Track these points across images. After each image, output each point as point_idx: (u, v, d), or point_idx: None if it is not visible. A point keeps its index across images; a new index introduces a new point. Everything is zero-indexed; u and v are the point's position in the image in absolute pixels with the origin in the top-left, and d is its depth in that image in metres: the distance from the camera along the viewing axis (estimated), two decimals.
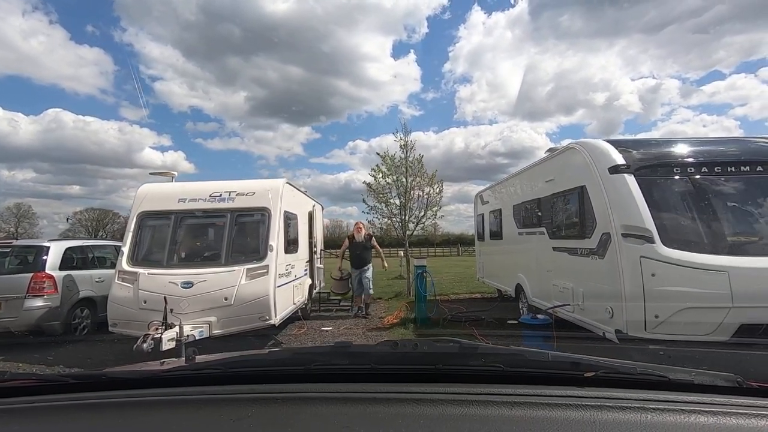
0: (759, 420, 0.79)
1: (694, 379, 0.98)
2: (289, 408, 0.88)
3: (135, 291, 5.54)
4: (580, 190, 4.95)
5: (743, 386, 0.96)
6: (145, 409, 0.91)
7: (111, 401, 0.96)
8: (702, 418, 0.79)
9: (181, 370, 1.16)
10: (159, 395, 0.97)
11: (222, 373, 1.10)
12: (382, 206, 11.37)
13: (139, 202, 6.33)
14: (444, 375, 1.00)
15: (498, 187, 9.03)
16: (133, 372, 1.19)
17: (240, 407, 0.88)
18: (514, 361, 1.08)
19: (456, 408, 0.84)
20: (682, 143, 4.73)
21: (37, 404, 0.95)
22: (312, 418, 0.84)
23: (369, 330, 7.07)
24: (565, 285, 5.40)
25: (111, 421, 0.88)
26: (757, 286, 3.72)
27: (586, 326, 4.89)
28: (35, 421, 0.90)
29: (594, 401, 0.84)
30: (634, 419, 0.78)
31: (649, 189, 4.21)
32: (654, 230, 4.02)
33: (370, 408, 0.86)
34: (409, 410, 0.83)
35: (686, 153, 4.47)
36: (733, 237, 4.01)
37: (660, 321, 3.88)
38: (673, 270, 3.87)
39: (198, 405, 0.92)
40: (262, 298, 5.60)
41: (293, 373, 1.07)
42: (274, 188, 6.49)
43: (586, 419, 0.78)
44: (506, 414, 0.81)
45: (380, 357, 1.13)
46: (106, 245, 8.48)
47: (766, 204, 4.17)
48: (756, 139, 4.77)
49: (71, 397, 0.99)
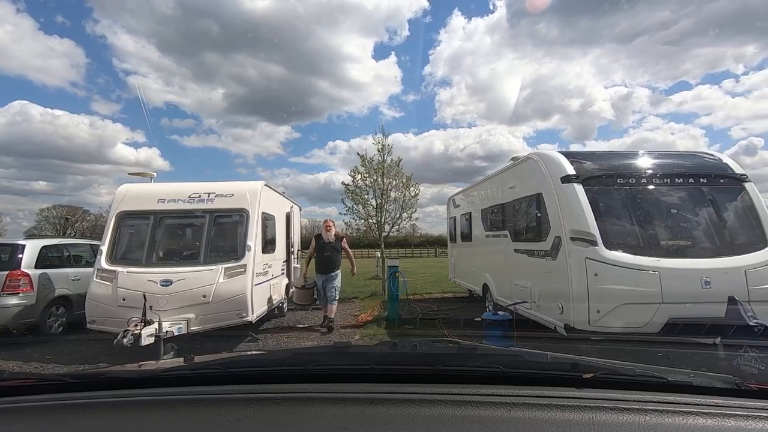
0: (757, 422, 0.79)
1: (692, 380, 0.99)
2: (288, 408, 0.88)
3: (114, 289, 5.67)
4: (537, 197, 5.40)
5: (741, 388, 0.96)
6: (144, 408, 0.91)
7: (109, 401, 0.96)
8: (700, 420, 0.79)
9: (179, 370, 1.16)
10: (157, 395, 0.97)
11: (221, 373, 1.11)
12: (359, 207, 11.69)
13: (119, 201, 6.45)
14: (443, 376, 1.01)
15: (469, 192, 9.49)
16: (131, 371, 1.19)
17: (239, 407, 0.88)
18: (513, 362, 1.09)
19: (455, 409, 0.84)
20: (624, 156, 5.25)
21: (35, 404, 0.95)
22: (311, 418, 0.84)
23: (343, 327, 7.37)
24: (524, 284, 5.85)
25: (109, 421, 0.88)
26: (684, 285, 4.23)
27: (541, 321, 5.34)
28: (33, 421, 0.89)
29: (592, 402, 0.85)
30: (633, 420, 0.79)
31: (595, 197, 4.69)
32: (598, 234, 4.49)
33: (369, 408, 0.86)
34: (408, 411, 0.84)
35: (627, 165, 4.98)
36: (665, 241, 4.52)
37: (601, 316, 4.35)
38: (613, 270, 4.34)
39: (197, 405, 0.92)
40: (240, 296, 5.83)
41: (292, 373, 1.08)
42: (252, 190, 6.71)
43: (585, 420, 0.78)
44: (505, 415, 0.82)
45: (379, 357, 1.14)
46: (82, 244, 8.51)
47: (694, 212, 4.70)
48: (688, 153, 5.33)
49: (70, 396, 0.98)
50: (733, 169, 5.02)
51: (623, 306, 4.29)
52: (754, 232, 4.62)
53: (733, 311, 3.88)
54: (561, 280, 4.79)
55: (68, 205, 62.86)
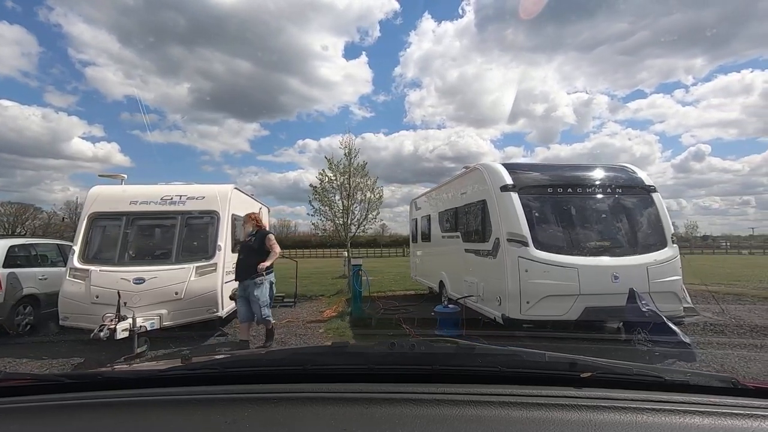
0: (753, 420, 0.80)
1: (689, 379, 1.00)
2: (286, 408, 0.88)
3: (87, 287, 5.95)
4: (482, 203, 6.11)
5: (738, 387, 0.97)
6: (141, 409, 0.91)
7: (107, 401, 0.96)
8: (697, 419, 0.80)
9: (177, 370, 1.16)
10: (155, 395, 0.97)
11: (218, 373, 1.11)
12: (327, 209, 12.19)
13: (91, 203, 6.69)
14: (441, 375, 1.01)
15: (429, 195, 10.18)
16: (128, 372, 1.20)
17: (236, 407, 0.88)
18: (511, 362, 1.09)
19: (453, 408, 0.84)
20: (556, 169, 6.04)
21: (32, 404, 0.95)
22: (309, 418, 0.84)
23: (309, 322, 7.85)
24: (472, 280, 6.55)
25: (106, 421, 0.88)
26: (597, 280, 5.02)
27: (484, 313, 6.05)
28: (30, 421, 0.89)
29: (590, 402, 0.86)
30: (630, 420, 0.79)
31: (528, 204, 5.43)
32: (529, 236, 5.22)
33: (367, 408, 0.86)
34: (406, 411, 0.84)
35: (557, 177, 5.76)
36: (584, 242, 5.31)
37: (530, 306, 5.08)
38: (540, 267, 5.08)
39: (194, 405, 0.92)
40: (211, 292, 6.24)
41: (290, 373, 1.07)
42: (222, 193, 7.11)
43: (583, 420, 0.79)
44: (503, 414, 0.82)
45: (377, 357, 1.15)
46: (49, 243, 8.58)
47: (609, 217, 5.53)
48: (608, 166, 6.19)
49: (67, 396, 0.98)
50: (644, 180, 5.91)
51: (548, 297, 5.04)
52: (657, 235, 5.50)
53: (631, 300, 4.69)
54: (499, 276, 5.50)
55: (18, 202, 59.51)
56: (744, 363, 4.59)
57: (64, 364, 5.36)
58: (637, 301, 4.57)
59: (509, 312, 5.23)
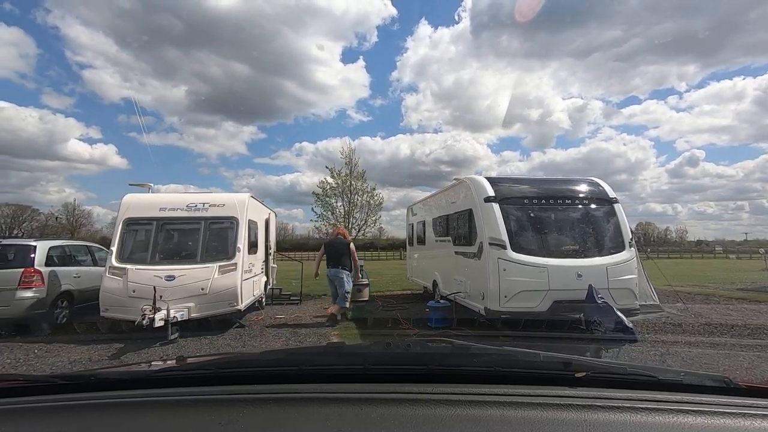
0: (746, 420, 0.82)
1: (683, 379, 1.02)
2: (281, 409, 0.88)
3: (125, 283, 6.82)
4: (469, 212, 7.04)
5: (731, 386, 0.99)
6: (135, 410, 0.91)
7: (100, 402, 0.95)
8: (690, 418, 0.81)
9: (171, 371, 1.16)
10: (149, 396, 0.97)
11: (213, 373, 1.11)
12: (329, 214, 13.12)
13: (125, 209, 7.58)
14: (436, 375, 1.02)
15: (424, 202, 11.12)
16: (122, 372, 1.19)
17: (231, 408, 0.88)
18: (506, 362, 1.10)
19: (448, 408, 0.85)
20: (532, 182, 7.00)
21: (24, 405, 0.95)
22: (304, 419, 0.84)
23: (315, 316, 8.76)
24: (460, 279, 7.47)
25: (100, 423, 0.87)
26: (564, 278, 5.96)
27: (470, 307, 6.97)
28: (22, 423, 0.88)
29: (584, 401, 0.87)
30: (624, 419, 0.80)
31: (506, 213, 6.36)
32: (507, 241, 6.15)
33: (362, 408, 0.86)
34: (402, 411, 0.84)
35: (532, 189, 6.71)
36: (553, 246, 6.25)
37: (507, 300, 6.01)
38: (516, 266, 6.01)
39: (188, 406, 0.92)
40: (232, 288, 7.12)
41: (285, 374, 1.08)
42: (240, 201, 8.01)
43: (577, 419, 0.80)
44: (498, 414, 0.82)
45: (373, 357, 1.15)
46: (80, 245, 9.47)
47: (576, 225, 6.48)
48: (578, 179, 7.15)
49: (60, 398, 0.98)
50: (608, 193, 6.86)
51: (523, 292, 5.96)
52: (616, 240, 6.44)
53: (589, 294, 5.62)
54: (482, 274, 6.42)
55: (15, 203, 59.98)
56: (693, 358, 5.41)
57: (108, 348, 6.21)
58: (594, 295, 5.50)
59: (490, 305, 6.15)
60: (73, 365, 5.45)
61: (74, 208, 60.28)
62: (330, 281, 8.14)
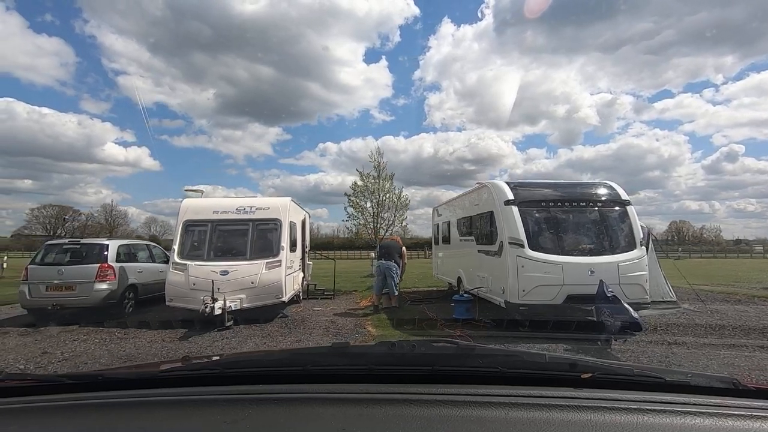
0: (754, 421, 0.81)
1: (690, 380, 1.01)
2: (287, 409, 0.89)
3: (186, 277, 7.84)
4: (490, 213, 7.70)
5: (738, 388, 0.98)
6: (142, 409, 0.92)
7: (107, 402, 0.96)
8: (698, 420, 0.81)
9: (177, 371, 1.17)
10: (155, 396, 0.98)
11: (219, 373, 1.12)
12: (359, 215, 13.99)
13: (184, 212, 8.62)
14: (441, 376, 1.02)
15: (448, 204, 11.80)
16: (129, 372, 1.21)
17: (237, 408, 0.89)
18: (511, 363, 1.10)
19: (453, 409, 0.85)
20: (548, 186, 7.59)
21: (33, 404, 0.96)
22: (309, 418, 0.85)
23: (348, 309, 9.60)
24: (483, 275, 8.14)
25: (107, 422, 0.88)
26: (577, 274, 6.55)
27: (491, 300, 7.63)
28: (31, 422, 0.89)
29: (590, 402, 0.86)
30: (631, 420, 0.80)
31: (524, 215, 6.99)
32: (525, 240, 6.78)
33: (367, 409, 0.87)
34: (407, 411, 0.85)
35: (549, 192, 7.31)
36: (567, 244, 6.84)
37: (525, 293, 6.64)
38: (533, 263, 6.64)
39: (194, 406, 0.93)
40: (277, 282, 8.04)
41: (290, 374, 1.08)
42: (282, 204, 8.94)
43: (583, 421, 0.79)
44: (503, 415, 0.82)
45: (377, 358, 1.17)
46: (141, 243, 10.70)
47: (590, 225, 7.04)
48: (591, 183, 7.69)
49: (67, 397, 0.99)
50: (621, 195, 7.38)
51: (539, 287, 6.59)
52: (628, 240, 6.96)
53: (600, 288, 6.19)
54: (503, 271, 7.07)
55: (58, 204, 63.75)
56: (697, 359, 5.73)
57: (175, 332, 7.20)
58: (605, 289, 6.08)
59: (510, 298, 6.80)
60: (151, 345, 6.45)
61: (112, 208, 63.87)
62: (378, 274, 9.35)
